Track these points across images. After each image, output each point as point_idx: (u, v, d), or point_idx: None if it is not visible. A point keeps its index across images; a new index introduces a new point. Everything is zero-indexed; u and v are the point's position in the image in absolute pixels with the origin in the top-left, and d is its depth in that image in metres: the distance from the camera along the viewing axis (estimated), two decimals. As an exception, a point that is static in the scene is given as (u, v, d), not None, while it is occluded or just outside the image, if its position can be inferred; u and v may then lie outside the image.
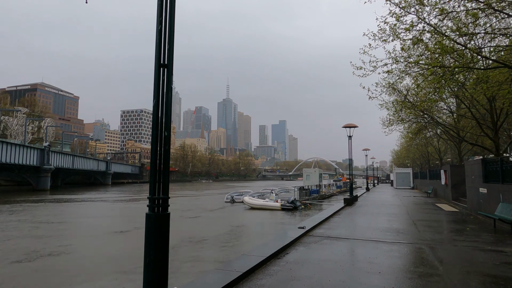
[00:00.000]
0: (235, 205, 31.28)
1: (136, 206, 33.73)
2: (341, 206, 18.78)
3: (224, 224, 19.16)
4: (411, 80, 21.04)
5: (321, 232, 10.53)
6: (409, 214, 16.05)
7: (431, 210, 18.45)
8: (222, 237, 15.78)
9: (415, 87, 18.91)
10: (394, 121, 28.46)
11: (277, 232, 14.17)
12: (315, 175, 42.69)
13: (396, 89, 24.54)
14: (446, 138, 32.97)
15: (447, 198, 24.37)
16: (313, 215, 16.84)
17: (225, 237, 16.02)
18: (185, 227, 18.44)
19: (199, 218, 22.62)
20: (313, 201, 32.15)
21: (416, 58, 15.50)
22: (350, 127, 22.60)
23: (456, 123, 27.16)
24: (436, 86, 16.04)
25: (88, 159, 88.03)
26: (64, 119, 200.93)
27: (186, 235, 15.70)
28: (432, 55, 15.21)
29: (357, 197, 25.58)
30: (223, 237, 15.83)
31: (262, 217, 22.55)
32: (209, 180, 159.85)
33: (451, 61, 16.14)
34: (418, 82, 16.45)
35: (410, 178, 54.61)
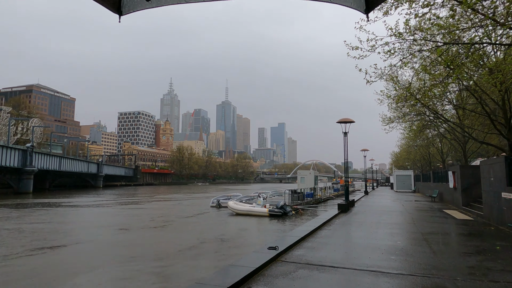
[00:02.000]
0: (221, 211, 28.38)
1: (107, 211, 30.81)
2: (334, 214, 15.91)
3: (186, 238, 15.72)
4: (413, 72, 18.20)
5: (300, 254, 7.67)
6: (415, 224, 13.19)
7: (440, 219, 15.60)
8: (158, 261, 11.74)
9: (422, 72, 16.17)
10: (395, 119, 25.90)
11: (242, 253, 11.26)
12: (310, 177, 39.87)
13: (398, 82, 22.00)
14: (450, 138, 30.22)
15: (456, 203, 21.52)
16: (299, 226, 13.98)
17: (162, 262, 11.74)
18: (129, 242, 15.20)
19: (165, 227, 19.37)
20: (306, 206, 29.25)
21: (424, 34, 12.78)
22: (346, 122, 19.77)
23: (462, 120, 24.37)
24: (449, 68, 13.27)
25: (78, 160, 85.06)
26: (60, 120, 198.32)
27: (122, 254, 12.72)
28: (443, 30, 12.48)
29: (354, 202, 22.71)
30: (159, 262, 11.67)
31: (243, 226, 19.56)
32: (206, 183, 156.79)
33: (466, 37, 13.41)
34: (425, 64, 13.69)
35: (411, 180, 51.75)
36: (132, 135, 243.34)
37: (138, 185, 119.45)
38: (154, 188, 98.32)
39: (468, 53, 12.93)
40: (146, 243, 14.75)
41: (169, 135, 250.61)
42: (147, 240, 15.28)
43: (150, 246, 14.18)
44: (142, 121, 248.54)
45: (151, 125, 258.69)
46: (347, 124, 20.02)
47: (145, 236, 16.41)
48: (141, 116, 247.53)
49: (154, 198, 46.60)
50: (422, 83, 20.42)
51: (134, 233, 17.35)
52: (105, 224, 21.17)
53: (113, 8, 3.05)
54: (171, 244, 14.06)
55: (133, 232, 17.79)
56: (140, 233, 17.17)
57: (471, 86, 19.50)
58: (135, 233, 17.32)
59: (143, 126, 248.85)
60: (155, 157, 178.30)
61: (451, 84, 23.05)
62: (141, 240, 15.36)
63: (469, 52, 12.92)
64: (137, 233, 17.25)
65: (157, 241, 15.00)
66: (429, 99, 23.24)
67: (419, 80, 20.10)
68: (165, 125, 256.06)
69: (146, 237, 16.09)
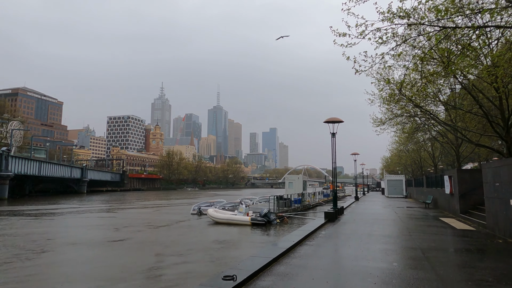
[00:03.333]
0: (201, 219, 26.30)
1: (70, 220, 28.45)
2: (320, 224, 14.03)
3: (129, 262, 12.49)
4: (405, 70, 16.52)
5: (267, 286, 5.76)
6: (412, 237, 11.40)
7: (438, 229, 13.85)
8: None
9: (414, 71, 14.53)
10: (386, 120, 24.44)
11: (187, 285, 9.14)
12: (299, 182, 38.03)
13: (389, 81, 20.52)
14: (443, 141, 28.81)
15: (452, 210, 19.87)
16: (281, 237, 12.05)
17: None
18: (55, 264, 12.57)
19: (122, 242, 16.58)
20: (293, 213, 27.36)
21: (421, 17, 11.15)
22: (334, 122, 18.01)
23: (456, 122, 22.92)
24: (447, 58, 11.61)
25: (60, 165, 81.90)
26: (47, 124, 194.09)
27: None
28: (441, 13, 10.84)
29: (343, 210, 20.88)
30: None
31: (219, 238, 17.34)
32: (195, 188, 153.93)
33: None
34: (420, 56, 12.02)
35: (403, 186, 50.30)
36: (121, 139, 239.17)
37: (125, 190, 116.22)
38: (140, 193, 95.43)
39: (470, 40, 11.33)
40: (74, 269, 11.60)
41: (159, 139, 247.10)
42: (77, 264, 12.05)
43: (70, 274, 10.97)
44: (132, 126, 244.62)
45: (141, 130, 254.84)
46: (335, 124, 18.26)
47: (84, 256, 13.51)
48: (130, 121, 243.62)
49: (134, 205, 44.11)
50: (414, 81, 18.96)
51: (77, 250, 14.73)
52: (54, 236, 18.37)
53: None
54: (101, 271, 11.14)
55: (78, 248, 15.05)
56: (83, 251, 14.37)
57: (468, 84, 18.08)
58: (78, 250, 14.67)
59: (132, 130, 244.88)
60: (145, 162, 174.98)
61: (443, 85, 21.70)
62: (74, 261, 12.73)
63: (470, 40, 11.33)
64: (80, 250, 14.60)
65: (91, 265, 11.71)
66: (422, 98, 21.77)
67: (411, 80, 18.63)
68: (155, 130, 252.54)
69: (85, 257, 13.09)
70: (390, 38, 11.32)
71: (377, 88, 23.32)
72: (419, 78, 17.41)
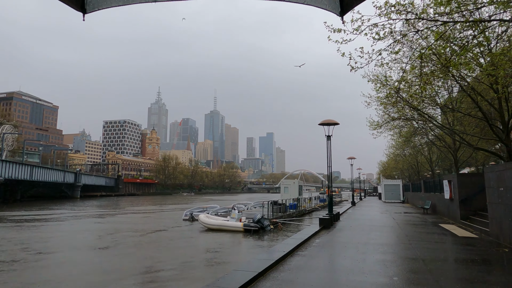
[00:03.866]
0: (193, 225, 25.40)
1: (55, 226, 27.45)
2: (314, 231, 13.24)
3: (111, 271, 11.91)
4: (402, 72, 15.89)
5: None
6: (412, 246, 10.63)
7: (439, 236, 13.10)
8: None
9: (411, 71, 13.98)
10: (383, 123, 23.86)
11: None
12: (294, 187, 37.28)
13: (387, 82, 20.04)
14: (440, 145, 28.25)
15: (452, 216, 19.15)
16: (274, 244, 11.26)
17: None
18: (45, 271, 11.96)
19: (103, 251, 15.59)
20: (288, 219, 26.53)
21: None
22: (329, 124, 17.30)
23: (454, 125, 22.38)
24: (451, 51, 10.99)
25: (53, 170, 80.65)
26: (42, 129, 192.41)
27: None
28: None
29: (339, 215, 20.11)
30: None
31: (205, 246, 16.38)
32: (191, 193, 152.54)
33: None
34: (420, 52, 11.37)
35: (400, 190, 49.59)
36: (117, 144, 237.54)
37: (119, 195, 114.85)
38: (135, 198, 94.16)
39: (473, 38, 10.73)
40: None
41: (155, 144, 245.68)
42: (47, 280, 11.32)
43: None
44: (128, 130, 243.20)
45: (137, 134, 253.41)
46: (330, 126, 17.56)
47: (56, 270, 12.33)
48: (126, 125, 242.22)
49: (125, 210, 43.00)
50: (411, 82, 18.44)
51: (51, 258, 13.87)
52: (29, 246, 17.19)
53: (77, 6, 2.97)
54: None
55: (52, 258, 13.99)
56: (55, 262, 13.20)
57: (466, 87, 17.55)
58: (53, 258, 13.81)
59: (128, 135, 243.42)
60: (140, 166, 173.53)
61: (441, 87, 21.15)
62: (47, 272, 11.86)
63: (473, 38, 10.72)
64: (55, 260, 13.60)
65: (63, 276, 11.27)
66: (420, 101, 21.20)
67: (408, 81, 18.08)
68: (151, 134, 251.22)
69: (58, 271, 12.07)
70: (388, 34, 10.66)
71: (373, 89, 22.77)
72: (417, 79, 16.85)
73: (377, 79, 21.84)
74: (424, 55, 10.76)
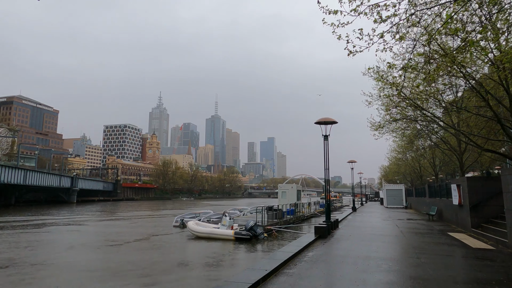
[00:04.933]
0: (183, 232, 23.74)
1: (26, 235, 25.73)
2: (308, 242, 11.66)
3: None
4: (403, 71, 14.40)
5: None
6: (420, 260, 9.05)
7: (451, 248, 11.52)
8: None
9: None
10: (385, 123, 22.44)
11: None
12: (292, 192, 35.68)
13: (388, 82, 18.72)
14: (445, 148, 26.78)
15: (462, 224, 17.52)
16: (264, 256, 9.69)
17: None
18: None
19: (62, 264, 13.67)
20: (284, 226, 24.89)
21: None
22: (326, 123, 15.77)
23: (459, 127, 20.88)
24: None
25: (48, 174, 79.17)
26: (42, 133, 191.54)
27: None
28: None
29: (338, 223, 18.50)
30: None
31: (184, 259, 14.59)
32: (191, 198, 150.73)
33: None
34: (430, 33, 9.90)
35: (402, 195, 47.88)
36: (117, 148, 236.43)
37: (117, 200, 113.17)
38: (132, 203, 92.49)
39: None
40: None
41: (155, 148, 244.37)
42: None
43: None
44: (129, 135, 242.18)
45: (137, 139, 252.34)
46: (327, 125, 16.04)
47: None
48: (127, 129, 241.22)
49: (115, 216, 41.30)
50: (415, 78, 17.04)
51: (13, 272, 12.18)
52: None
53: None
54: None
55: (12, 271, 12.39)
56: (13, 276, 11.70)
57: (475, 83, 16.13)
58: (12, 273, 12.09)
59: (129, 139, 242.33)
60: (140, 171, 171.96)
61: (447, 84, 19.74)
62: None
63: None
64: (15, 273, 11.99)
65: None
66: (424, 99, 19.76)
67: (409, 78, 16.74)
68: (151, 139, 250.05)
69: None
70: (392, 16, 9.13)
71: (375, 87, 21.35)
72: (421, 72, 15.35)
73: (379, 76, 20.41)
74: (432, 37, 9.26)
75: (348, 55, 9.07)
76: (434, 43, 13.42)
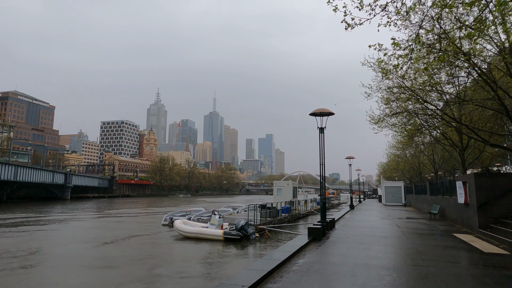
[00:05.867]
0: (171, 231, 22.41)
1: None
2: (300, 245, 10.36)
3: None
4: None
5: None
6: (429, 269, 7.76)
7: (460, 253, 10.25)
8: None
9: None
10: (386, 116, 21.32)
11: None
12: (288, 189, 34.34)
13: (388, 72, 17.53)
14: (446, 144, 25.62)
15: (467, 224, 16.27)
16: (257, 259, 8.38)
17: None
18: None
19: (32, 268, 12.56)
20: (278, 225, 23.61)
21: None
22: (322, 114, 14.42)
23: (462, 121, 19.68)
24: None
25: (40, 170, 77.63)
26: (38, 129, 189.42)
27: None
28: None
29: (334, 222, 17.22)
30: None
31: (158, 267, 12.84)
32: (188, 195, 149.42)
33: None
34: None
35: (401, 193, 46.68)
36: (114, 145, 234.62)
37: (113, 197, 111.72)
38: (128, 200, 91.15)
39: None
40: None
41: (152, 145, 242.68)
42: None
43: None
44: (126, 131, 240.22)
45: (135, 135, 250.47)
46: (323, 117, 14.69)
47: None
48: (124, 126, 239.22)
49: (102, 214, 39.81)
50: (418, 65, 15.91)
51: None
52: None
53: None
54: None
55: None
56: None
57: (484, 72, 14.96)
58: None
59: (126, 135, 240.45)
60: (137, 167, 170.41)
61: (450, 74, 18.62)
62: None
63: None
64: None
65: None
66: (426, 91, 18.55)
67: (410, 68, 15.49)
68: (149, 135, 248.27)
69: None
70: None
71: (374, 78, 20.15)
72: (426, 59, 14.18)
73: (378, 68, 19.24)
74: (447, 5, 7.88)
75: (346, 29, 7.73)
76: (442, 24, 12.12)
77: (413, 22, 11.04)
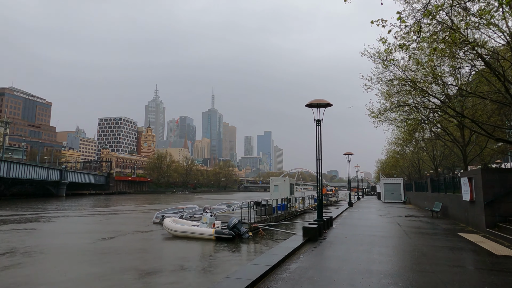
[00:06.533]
0: (162, 230, 21.46)
1: None
2: (293, 247, 9.39)
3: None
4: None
5: None
6: (439, 277, 6.80)
7: (469, 255, 9.30)
8: None
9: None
10: (386, 110, 20.46)
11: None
12: (285, 185, 33.42)
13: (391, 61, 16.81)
14: (447, 140, 24.78)
15: (473, 223, 15.34)
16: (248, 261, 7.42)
17: None
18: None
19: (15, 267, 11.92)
20: (273, 223, 22.67)
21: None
22: (319, 106, 13.41)
23: (466, 114, 18.78)
24: None
25: (34, 167, 76.49)
26: (34, 125, 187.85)
27: None
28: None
29: (332, 220, 16.27)
30: None
31: (140, 268, 12.14)
32: (185, 191, 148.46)
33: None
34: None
35: (401, 190, 45.76)
36: (112, 141, 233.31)
37: (109, 193, 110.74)
38: (124, 197, 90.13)
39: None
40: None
41: (150, 141, 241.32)
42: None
43: None
44: (124, 127, 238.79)
45: (133, 132, 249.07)
46: (320, 109, 13.69)
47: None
48: (122, 122, 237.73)
49: (93, 211, 38.76)
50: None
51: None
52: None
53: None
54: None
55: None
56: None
57: (493, 60, 14.06)
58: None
59: (124, 132, 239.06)
60: (135, 164, 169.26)
61: (453, 66, 17.76)
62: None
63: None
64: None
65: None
66: (433, 80, 17.56)
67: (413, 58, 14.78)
68: (146, 132, 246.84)
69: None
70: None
71: (375, 70, 19.25)
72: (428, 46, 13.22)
73: (379, 59, 18.46)
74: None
75: (345, 1, 6.71)
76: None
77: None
